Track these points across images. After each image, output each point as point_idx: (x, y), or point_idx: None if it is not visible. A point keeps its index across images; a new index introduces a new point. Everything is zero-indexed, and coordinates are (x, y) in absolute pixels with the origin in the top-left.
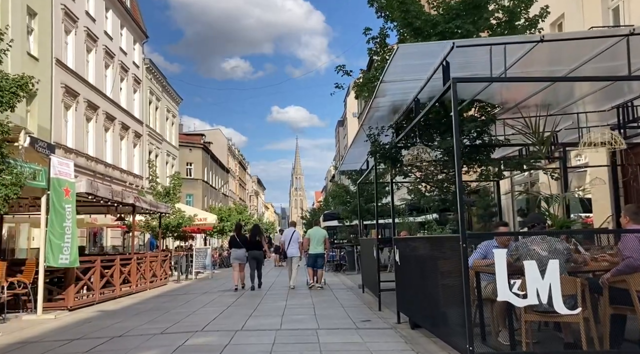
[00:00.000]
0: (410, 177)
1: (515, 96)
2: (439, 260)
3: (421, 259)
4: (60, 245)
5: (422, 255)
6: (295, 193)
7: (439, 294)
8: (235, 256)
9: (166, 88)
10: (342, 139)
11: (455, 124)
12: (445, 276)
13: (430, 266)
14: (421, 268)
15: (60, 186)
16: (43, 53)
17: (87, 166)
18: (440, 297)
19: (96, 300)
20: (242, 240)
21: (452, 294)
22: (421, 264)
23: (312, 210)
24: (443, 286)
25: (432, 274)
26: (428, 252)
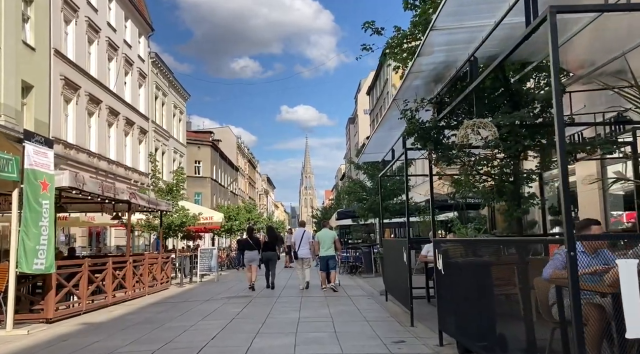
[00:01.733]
0: (456, 164)
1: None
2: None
3: (484, 268)
4: (35, 248)
5: (486, 263)
6: (305, 192)
7: (512, 315)
8: (249, 257)
9: (173, 83)
10: (352, 137)
11: (555, 84)
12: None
13: (502, 277)
14: (483, 280)
15: (37, 178)
16: (40, 43)
17: (89, 163)
18: (512, 319)
19: (83, 310)
20: (255, 242)
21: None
22: (483, 275)
23: (322, 209)
24: (520, 305)
25: (502, 289)
26: (499, 259)
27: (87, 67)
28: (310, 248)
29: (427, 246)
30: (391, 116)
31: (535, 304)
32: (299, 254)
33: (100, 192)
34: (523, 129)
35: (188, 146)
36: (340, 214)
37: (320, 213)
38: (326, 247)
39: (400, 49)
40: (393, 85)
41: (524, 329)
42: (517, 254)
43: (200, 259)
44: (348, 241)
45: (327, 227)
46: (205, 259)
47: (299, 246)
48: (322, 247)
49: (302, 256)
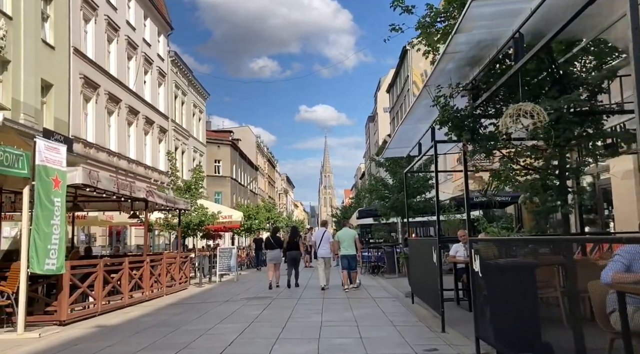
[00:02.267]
0: (493, 157)
1: None
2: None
3: (529, 270)
4: (46, 248)
5: (531, 264)
6: (324, 191)
7: (560, 322)
8: (271, 256)
9: (192, 82)
10: (372, 135)
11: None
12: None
13: (548, 279)
14: (527, 283)
15: (48, 175)
16: (60, 41)
17: (108, 162)
18: (561, 326)
19: (98, 311)
20: (277, 241)
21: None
22: (528, 277)
23: (342, 208)
24: (570, 311)
25: (549, 292)
26: (548, 260)
27: (107, 66)
28: (330, 248)
29: (456, 245)
30: (419, 106)
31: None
32: (319, 253)
33: (115, 189)
34: (572, 116)
35: (208, 145)
36: (362, 213)
37: (340, 212)
38: (346, 246)
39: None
40: (414, 83)
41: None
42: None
43: (219, 259)
44: (369, 240)
45: (348, 226)
46: (225, 258)
47: (319, 245)
48: (343, 247)
49: (322, 256)
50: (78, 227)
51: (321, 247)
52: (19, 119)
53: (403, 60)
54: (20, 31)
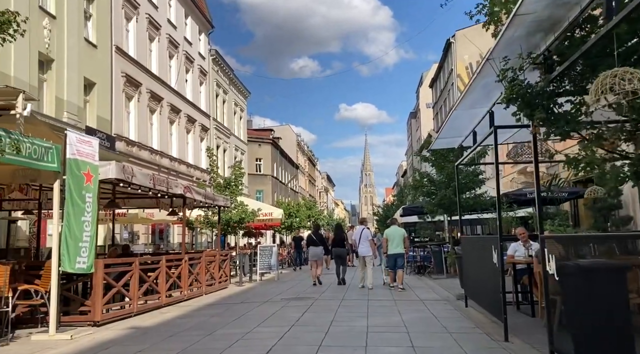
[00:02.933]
0: (571, 139)
1: None
2: None
3: (621, 274)
4: (77, 246)
5: (624, 266)
6: (365, 190)
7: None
8: (313, 253)
9: (233, 81)
10: (414, 132)
11: None
12: None
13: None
14: (619, 288)
15: (79, 169)
16: (102, 40)
17: (151, 160)
18: None
19: (134, 311)
20: (319, 238)
21: None
22: (620, 282)
23: (384, 206)
24: None
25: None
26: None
27: (148, 65)
28: (370, 246)
29: (514, 245)
30: (477, 87)
31: None
32: (359, 251)
33: (151, 185)
34: None
35: (249, 144)
36: (406, 211)
37: (382, 210)
38: (395, 245)
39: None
40: (458, 76)
41: None
42: None
43: (259, 257)
44: (414, 239)
45: (397, 224)
46: (265, 257)
47: (358, 244)
48: (391, 245)
49: (362, 254)
50: (121, 225)
51: (360, 246)
52: (62, 118)
53: (447, 53)
54: (63, 30)
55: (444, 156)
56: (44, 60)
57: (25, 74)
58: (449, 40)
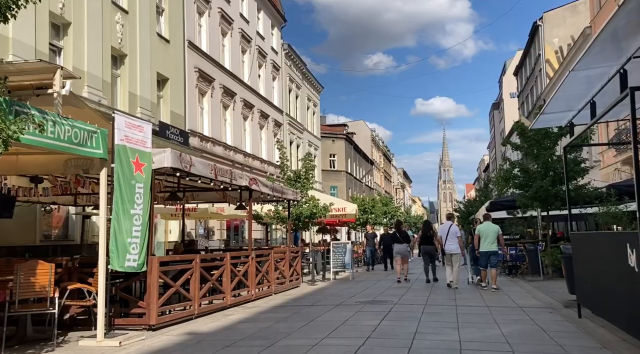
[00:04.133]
0: None
1: None
2: None
3: None
4: (126, 242)
5: None
6: (443, 186)
7: None
8: (397, 250)
9: (306, 75)
10: (497, 124)
11: None
12: None
13: None
14: None
15: (129, 156)
16: (174, 35)
17: (225, 156)
18: None
19: (195, 313)
20: (403, 236)
21: None
22: None
23: (466, 201)
24: None
25: None
26: None
27: (221, 60)
28: (459, 243)
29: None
30: (605, 38)
31: None
32: (445, 249)
33: (212, 175)
34: None
35: (322, 140)
36: (494, 205)
37: (464, 206)
38: (489, 242)
39: None
40: (547, 61)
41: None
42: None
43: (332, 255)
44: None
45: (490, 220)
46: (339, 254)
47: (445, 240)
48: (484, 242)
49: (449, 252)
50: (196, 221)
51: (448, 243)
52: (136, 113)
53: (533, 38)
54: (135, 25)
55: (539, 142)
56: (117, 55)
57: (98, 69)
58: (536, 23)
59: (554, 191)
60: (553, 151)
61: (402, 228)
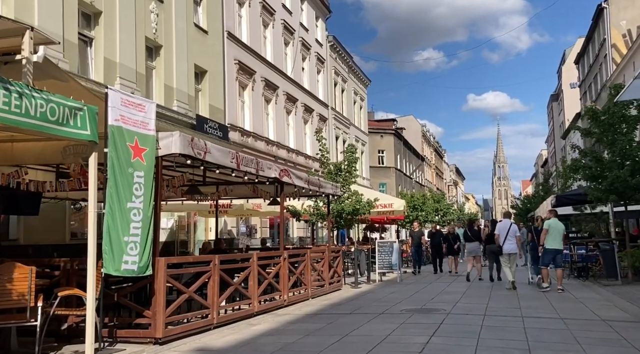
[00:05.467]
0: None
1: None
2: None
3: None
4: (122, 241)
5: None
6: (498, 183)
7: None
8: (469, 249)
9: (353, 69)
10: (557, 116)
11: None
12: None
13: None
14: None
15: (125, 139)
16: (213, 26)
17: (267, 151)
18: None
19: (214, 323)
20: (474, 234)
21: None
22: None
23: (524, 198)
24: None
25: None
26: None
27: (263, 52)
28: (517, 242)
29: None
30: None
31: None
32: (504, 249)
33: (233, 165)
34: None
35: (370, 135)
36: (560, 200)
37: (521, 203)
38: (557, 240)
39: None
40: (613, 46)
41: None
42: None
43: (378, 254)
44: (569, 234)
45: (556, 216)
46: (385, 254)
47: (504, 240)
48: (551, 239)
49: (508, 252)
50: (237, 219)
51: (507, 241)
52: (172, 106)
53: (597, 22)
54: (171, 14)
55: (613, 126)
56: (152, 46)
57: (131, 60)
58: (601, 6)
59: (633, 182)
60: (632, 136)
61: (474, 227)
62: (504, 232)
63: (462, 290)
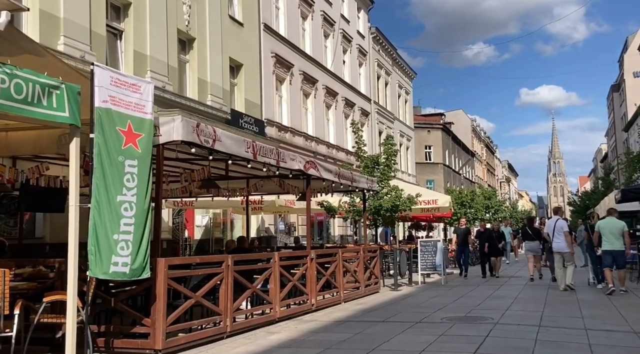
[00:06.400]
0: None
1: None
2: None
3: None
4: (111, 239)
5: None
6: (553, 179)
7: None
8: (528, 248)
9: (397, 61)
10: (618, 108)
11: None
12: None
13: None
14: None
15: (115, 123)
16: (249, 18)
17: (306, 147)
18: None
19: (227, 331)
20: (535, 233)
21: None
22: None
23: (582, 193)
24: None
25: None
26: None
27: (301, 44)
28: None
29: None
30: None
31: None
32: (553, 247)
33: (249, 155)
34: None
35: (416, 130)
36: (627, 194)
37: (579, 199)
38: (611, 240)
39: None
40: None
41: None
42: None
43: (420, 254)
44: (635, 232)
45: (615, 215)
46: (427, 254)
47: (552, 237)
48: (607, 240)
49: (557, 250)
50: (275, 216)
51: (555, 238)
52: (206, 101)
53: None
54: (205, 6)
55: None
56: (185, 39)
57: (163, 53)
58: None
59: None
60: None
61: (534, 225)
62: (551, 229)
63: (514, 295)
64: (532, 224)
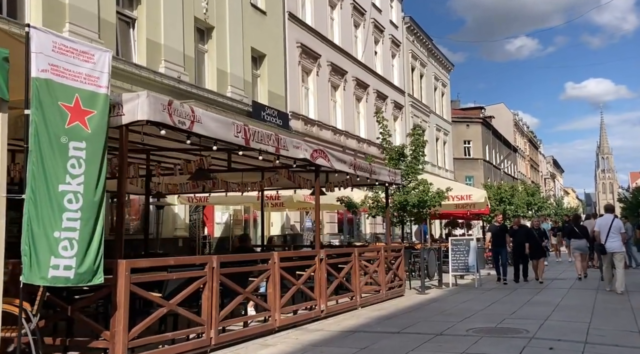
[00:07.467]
0: None
1: None
2: None
3: None
4: (51, 237)
5: None
6: (602, 175)
7: None
8: (576, 246)
9: (433, 52)
10: None
11: None
12: None
13: None
14: None
15: (57, 97)
16: (272, 6)
17: (334, 141)
18: None
19: (210, 345)
20: (582, 231)
21: None
22: None
23: (634, 189)
24: None
25: None
26: None
27: (329, 34)
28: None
29: None
30: None
31: None
32: (607, 247)
33: (240, 140)
34: None
35: (454, 125)
36: None
37: (631, 196)
38: None
39: None
40: None
41: None
42: None
43: (452, 254)
44: None
45: None
46: (459, 253)
47: (606, 237)
48: None
49: (611, 250)
50: (302, 213)
51: (610, 239)
52: (226, 92)
53: None
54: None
55: None
56: (204, 28)
57: (178, 42)
58: None
59: None
60: None
61: (580, 223)
62: (605, 229)
63: (556, 301)
64: (578, 222)
